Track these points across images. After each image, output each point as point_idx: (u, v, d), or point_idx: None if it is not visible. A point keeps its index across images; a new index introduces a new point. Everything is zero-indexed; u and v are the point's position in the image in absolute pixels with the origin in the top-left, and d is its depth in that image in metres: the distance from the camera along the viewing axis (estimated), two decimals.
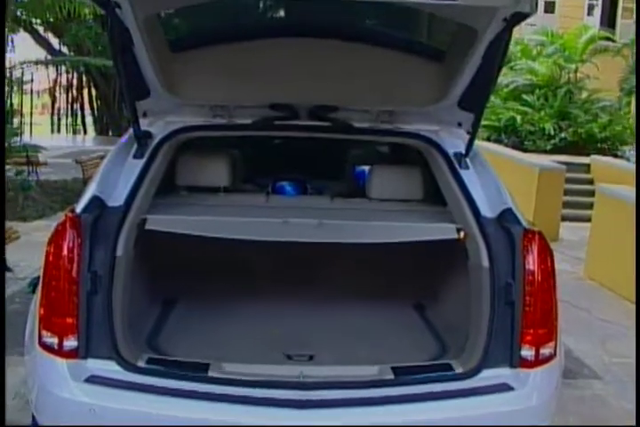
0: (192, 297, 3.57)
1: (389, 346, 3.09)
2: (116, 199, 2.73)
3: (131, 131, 3.01)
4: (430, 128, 3.17)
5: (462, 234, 2.92)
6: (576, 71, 16.06)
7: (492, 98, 13.97)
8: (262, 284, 3.72)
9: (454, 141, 3.10)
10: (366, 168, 4.02)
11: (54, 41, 19.41)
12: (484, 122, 13.95)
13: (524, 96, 15.47)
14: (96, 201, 2.67)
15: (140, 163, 2.91)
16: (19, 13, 12.26)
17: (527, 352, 2.54)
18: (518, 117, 14.81)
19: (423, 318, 3.52)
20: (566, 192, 9.35)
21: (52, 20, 14.40)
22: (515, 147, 13.53)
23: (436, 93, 3.06)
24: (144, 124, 3.02)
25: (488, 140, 14.54)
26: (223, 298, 3.56)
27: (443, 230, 3.00)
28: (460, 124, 3.15)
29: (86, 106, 23.39)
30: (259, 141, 5.24)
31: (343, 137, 3.41)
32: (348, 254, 3.58)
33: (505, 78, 15.62)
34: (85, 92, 23.15)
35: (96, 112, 22.39)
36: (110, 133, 20.44)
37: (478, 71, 2.83)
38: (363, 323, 3.40)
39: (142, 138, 2.96)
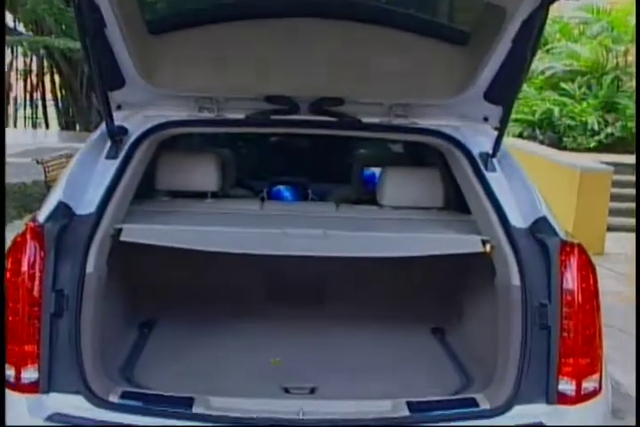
0: (175, 319, 3.61)
1: (404, 377, 3.12)
2: (86, 206, 2.77)
3: (103, 126, 3.05)
4: (452, 124, 3.21)
5: (489, 247, 2.96)
6: (626, 54, 15.96)
7: (525, 87, 14.01)
8: (256, 304, 3.76)
9: (479, 139, 3.14)
10: (377, 170, 4.07)
11: (8, 17, 19.47)
12: (514, 116, 13.98)
13: (563, 84, 15.47)
14: (62, 208, 2.71)
15: (114, 164, 2.95)
16: None
17: (566, 386, 2.55)
18: (556, 110, 14.81)
19: (443, 343, 3.56)
20: (613, 197, 9.29)
21: None
22: (551, 144, 13.57)
23: (459, 83, 3.10)
24: (118, 118, 3.06)
25: (520, 136, 14.57)
26: (211, 321, 3.60)
27: (466, 243, 3.03)
28: (486, 119, 3.19)
29: (48, 95, 23.48)
30: (252, 139, 5.29)
31: (350, 134, 3.46)
32: (355, 270, 3.62)
33: (540, 64, 15.63)
34: (47, 79, 23.24)
35: (60, 103, 22.42)
36: (77, 128, 20.49)
37: (508, 56, 2.86)
38: (373, 350, 3.43)
39: (116, 135, 3.00)
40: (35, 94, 24.08)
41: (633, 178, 11.45)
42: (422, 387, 2.99)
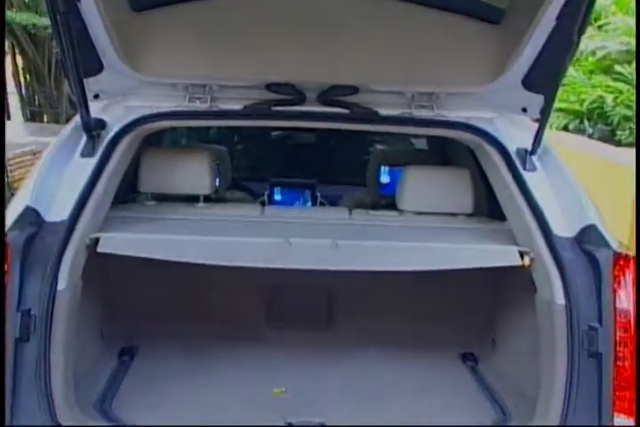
0: (160, 344, 3.65)
1: (428, 412, 3.13)
2: (58, 212, 2.80)
3: (77, 118, 3.08)
4: (484, 115, 3.23)
5: (527, 259, 2.98)
6: None
7: (571, 71, 13.94)
8: (255, 327, 3.79)
9: (517, 133, 3.16)
10: (397, 170, 4.11)
11: None
12: (558, 105, 13.83)
13: (618, 67, 15.33)
14: (30, 214, 2.74)
15: (91, 162, 2.99)
16: None
17: (622, 424, 2.59)
18: (609, 98, 14.65)
19: (474, 372, 3.59)
20: None
21: None
22: (603, 139, 13.48)
23: (492, 68, 3.11)
24: (95, 109, 3.09)
25: (565, 129, 14.50)
26: (202, 346, 3.63)
27: (500, 255, 3.05)
28: (524, 110, 3.21)
29: (9, 81, 23.51)
30: (251, 134, 5.30)
31: (365, 128, 3.50)
32: (371, 287, 3.65)
33: (590, 43, 15.47)
34: (8, 61, 23.28)
35: (24, 90, 22.45)
36: (45, 120, 20.52)
37: (551, 36, 2.86)
38: (391, 380, 3.46)
39: (93, 128, 3.03)
40: None
41: None
42: (450, 423, 3.00)
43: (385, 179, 4.49)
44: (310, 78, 3.14)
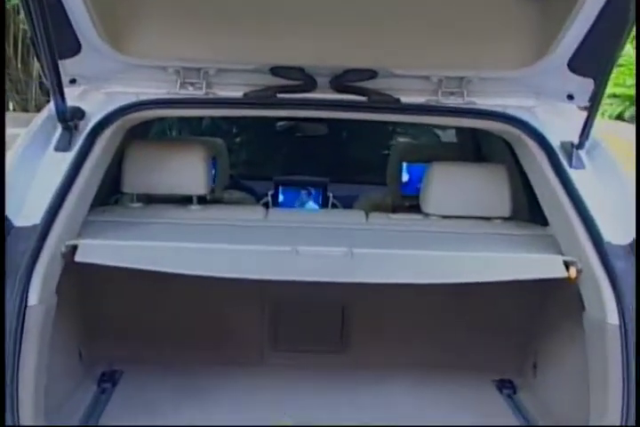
0: (147, 369, 3.67)
1: None
2: (29, 216, 2.82)
3: (50, 106, 3.09)
4: (523, 103, 3.25)
5: (574, 271, 2.98)
6: None
7: (628, 50, 13.91)
8: (259, 349, 3.80)
9: (561, 124, 3.17)
10: (421, 167, 4.12)
11: None
12: (611, 90, 13.80)
13: None
14: None
15: (67, 158, 3.00)
16: None
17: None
18: None
19: (512, 401, 3.59)
20: None
21: None
22: None
23: (534, 48, 3.10)
24: (72, 96, 3.11)
25: (619, 118, 14.46)
26: (196, 372, 3.64)
27: (543, 265, 3.06)
28: (570, 97, 3.21)
29: None
30: (253, 125, 5.29)
31: (385, 119, 3.50)
32: (392, 303, 3.66)
33: None
34: None
35: None
36: (12, 107, 20.56)
37: (603, 10, 2.83)
38: (415, 412, 3.46)
39: (69, 118, 3.04)
40: None
41: None
42: None
43: (407, 177, 4.50)
44: (321, 61, 3.13)
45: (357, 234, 3.41)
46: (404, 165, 4.53)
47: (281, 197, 4.82)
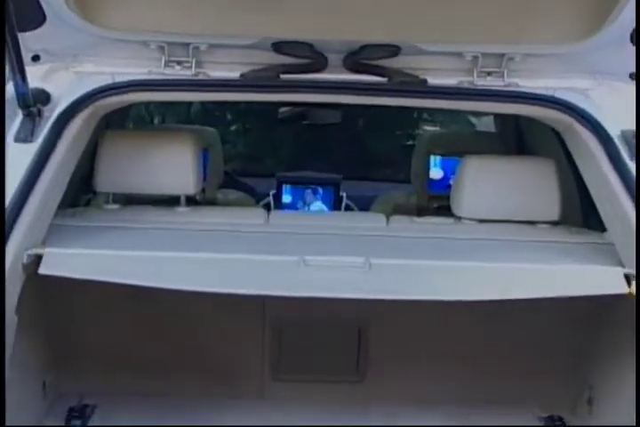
0: (124, 404, 3.64)
1: None
2: None
3: (9, 89, 3.07)
4: (576, 85, 3.22)
5: (635, 286, 2.99)
6: None
7: None
8: (259, 379, 3.78)
9: (622, 110, 3.13)
10: (452, 161, 4.14)
11: None
12: None
13: None
14: None
15: (30, 151, 2.98)
16: None
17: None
18: None
19: None
20: None
21: None
22: None
23: (589, 19, 3.10)
24: (35, 75, 3.08)
25: None
26: (184, 407, 3.62)
27: (599, 279, 3.03)
28: (633, 77, 3.19)
29: None
30: (252, 112, 5.25)
31: (410, 103, 3.48)
32: (419, 323, 3.64)
33: None
34: None
35: None
36: None
37: None
38: None
39: (32, 103, 3.03)
40: None
41: None
42: None
43: (436, 173, 4.50)
44: (333, 35, 3.10)
45: (376, 241, 3.40)
46: (432, 158, 4.52)
47: (285, 198, 4.81)
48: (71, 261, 3.01)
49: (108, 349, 3.71)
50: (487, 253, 3.27)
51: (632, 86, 3.14)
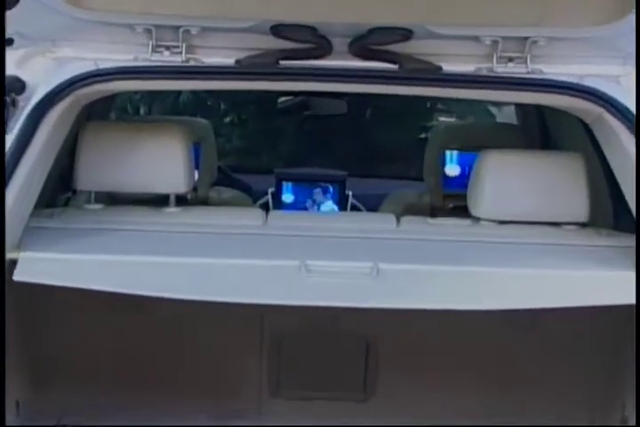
0: (109, 422, 3.64)
1: None
2: None
3: None
4: (606, 71, 3.21)
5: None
6: None
7: None
8: (257, 396, 3.77)
9: None
10: (470, 156, 4.13)
11: None
12: None
13: None
14: None
15: (2, 144, 3.01)
16: None
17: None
18: None
19: None
20: None
21: None
22: None
23: (618, 1, 3.10)
24: (9, 61, 3.06)
25: None
26: (176, 425, 3.64)
27: (631, 287, 3.04)
28: None
29: None
30: (249, 102, 5.25)
31: (423, 92, 3.48)
32: (433, 335, 3.63)
33: None
34: None
35: None
36: None
37: None
38: None
39: (6, 92, 3.04)
40: None
41: None
42: None
43: (452, 169, 4.49)
44: (339, 17, 3.09)
45: (385, 245, 3.40)
46: (448, 153, 4.53)
47: (285, 197, 4.81)
48: (49, 266, 3.02)
49: (90, 363, 3.71)
50: (508, 257, 3.27)
51: None
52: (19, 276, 2.94)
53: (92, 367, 3.71)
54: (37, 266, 3.00)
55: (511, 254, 3.31)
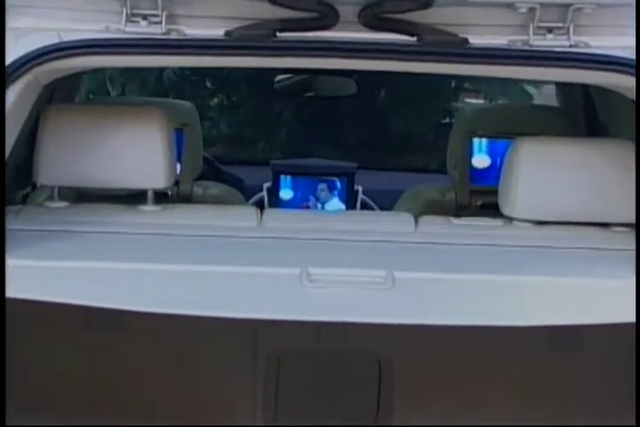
0: None
1: None
2: None
3: None
4: None
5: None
6: None
7: None
8: (252, 423, 3.78)
9: None
10: (501, 145, 4.16)
11: None
12: None
13: None
14: None
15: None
16: None
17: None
18: None
19: None
20: None
21: None
22: None
23: None
24: None
25: None
26: None
27: None
28: None
29: None
30: (241, 81, 5.24)
31: (446, 70, 3.53)
32: (454, 355, 3.64)
33: None
34: None
35: None
36: None
37: None
38: None
39: None
40: None
41: None
42: None
43: (481, 160, 4.50)
44: None
45: (402, 250, 3.41)
46: (476, 141, 4.54)
47: (283, 193, 4.82)
48: (7, 275, 3.01)
49: (62, 389, 3.71)
50: (548, 265, 3.28)
51: None
52: None
53: (63, 393, 3.71)
54: None
55: (551, 261, 3.32)
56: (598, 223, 3.51)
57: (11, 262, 3.04)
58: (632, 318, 2.99)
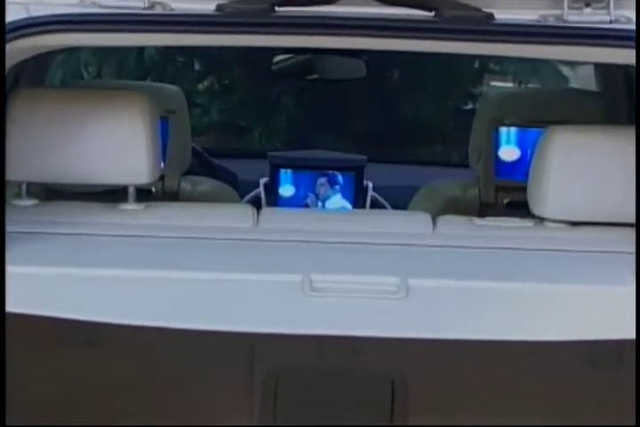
0: None
1: None
2: None
3: None
4: None
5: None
6: None
7: None
8: None
9: None
10: (531, 134, 4.17)
11: None
12: None
13: None
14: None
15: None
16: None
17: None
18: None
19: None
20: None
21: None
22: None
23: None
24: None
25: None
26: None
27: None
28: None
29: None
30: (234, 63, 5.24)
31: (467, 50, 3.53)
32: (475, 372, 3.65)
33: None
34: None
35: None
36: None
37: None
38: None
39: None
40: None
41: None
42: None
43: (508, 152, 4.50)
44: None
45: (418, 254, 3.41)
46: (502, 130, 4.54)
47: (283, 189, 4.83)
48: None
49: (33, 410, 3.72)
50: (585, 271, 3.27)
51: None
52: None
53: (35, 416, 3.71)
54: None
55: (588, 267, 3.30)
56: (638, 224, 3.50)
57: None
58: None
